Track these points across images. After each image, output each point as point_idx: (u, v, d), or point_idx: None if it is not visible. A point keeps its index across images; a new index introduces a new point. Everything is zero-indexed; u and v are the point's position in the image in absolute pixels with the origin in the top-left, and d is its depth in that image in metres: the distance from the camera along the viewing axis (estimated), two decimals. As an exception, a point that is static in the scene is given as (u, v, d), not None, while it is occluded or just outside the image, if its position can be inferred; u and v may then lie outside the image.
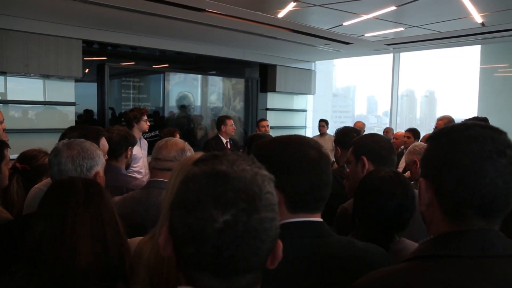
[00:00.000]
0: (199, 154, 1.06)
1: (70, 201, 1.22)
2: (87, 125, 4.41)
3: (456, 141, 0.90)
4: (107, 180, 1.89)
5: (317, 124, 7.54)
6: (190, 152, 2.04)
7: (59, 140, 2.11)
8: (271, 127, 6.65)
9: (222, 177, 0.68)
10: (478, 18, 4.78)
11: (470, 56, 8.02)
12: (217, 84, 7.69)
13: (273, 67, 8.11)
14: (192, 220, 0.66)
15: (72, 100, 5.73)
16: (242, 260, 0.67)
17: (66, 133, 2.18)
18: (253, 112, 8.08)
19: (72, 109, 5.77)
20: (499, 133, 0.90)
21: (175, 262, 0.74)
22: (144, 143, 4.56)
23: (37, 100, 5.56)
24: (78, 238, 1.17)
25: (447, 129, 0.95)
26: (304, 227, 1.14)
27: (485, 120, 4.02)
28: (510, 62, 7.39)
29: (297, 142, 1.18)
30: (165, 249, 0.73)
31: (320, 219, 1.16)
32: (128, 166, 2.77)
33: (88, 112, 6.21)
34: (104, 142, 2.27)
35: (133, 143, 2.73)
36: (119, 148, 2.60)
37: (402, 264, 0.93)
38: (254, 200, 0.67)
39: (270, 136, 3.10)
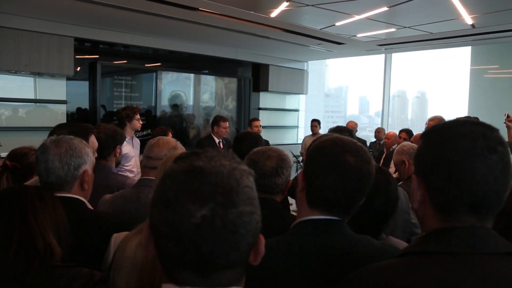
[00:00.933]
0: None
1: (27, 201, 1.26)
2: (76, 122, 4.39)
3: (447, 138, 0.91)
4: (98, 179, 1.87)
5: (310, 124, 7.56)
6: (181, 151, 2.03)
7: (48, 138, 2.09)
8: (264, 127, 6.65)
9: (199, 173, 0.68)
10: (468, 19, 4.82)
11: (460, 57, 8.08)
12: (210, 83, 7.68)
13: (265, 66, 8.12)
14: (170, 216, 0.67)
15: (64, 98, 5.69)
16: (222, 255, 0.67)
17: (55, 131, 2.14)
18: (246, 111, 8.08)
19: (63, 107, 5.73)
20: (490, 130, 0.91)
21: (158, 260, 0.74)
22: (137, 141, 4.54)
23: (28, 98, 5.51)
24: (38, 225, 1.24)
25: (439, 126, 0.95)
26: (319, 225, 1.15)
27: (476, 119, 4.06)
28: (500, 63, 7.46)
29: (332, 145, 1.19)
30: (147, 247, 0.73)
31: (338, 218, 1.16)
32: (118, 164, 2.75)
33: (80, 110, 6.17)
34: (93, 140, 2.26)
35: (121, 141, 2.69)
36: (107, 148, 2.56)
37: (393, 259, 0.93)
38: (232, 194, 0.67)
39: (259, 134, 3.10)
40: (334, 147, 1.16)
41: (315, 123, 7.36)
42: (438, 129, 0.95)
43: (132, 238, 1.24)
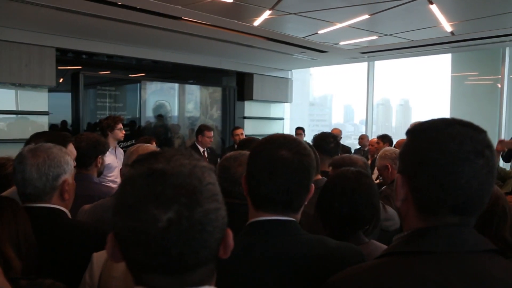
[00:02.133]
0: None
1: None
2: (54, 131, 4.31)
3: (434, 139, 0.89)
4: (79, 189, 1.83)
5: (294, 133, 7.59)
6: None
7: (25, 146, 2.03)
8: (248, 136, 6.64)
9: (159, 176, 0.67)
10: (447, 27, 4.92)
11: (441, 64, 8.24)
12: (194, 93, 7.67)
13: (250, 75, 8.15)
14: (135, 223, 0.65)
15: (46, 109, 5.60)
16: (192, 255, 0.66)
17: (32, 140, 2.08)
18: (231, 120, 8.07)
19: (45, 118, 5.64)
20: (478, 132, 0.90)
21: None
22: (120, 152, 4.48)
23: (9, 110, 5.41)
24: None
25: (427, 125, 0.94)
26: (271, 225, 1.13)
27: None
28: (479, 70, 7.61)
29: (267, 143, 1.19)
30: (113, 256, 0.71)
31: (291, 218, 1.15)
32: (100, 174, 2.70)
33: (64, 123, 6.10)
34: (71, 148, 2.19)
35: (103, 151, 2.62)
36: (88, 157, 2.49)
37: (375, 260, 0.93)
38: (195, 193, 0.67)
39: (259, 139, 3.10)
40: (264, 145, 1.17)
41: (299, 131, 7.39)
42: (426, 128, 0.93)
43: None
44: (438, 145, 0.88)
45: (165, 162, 0.69)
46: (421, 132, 0.93)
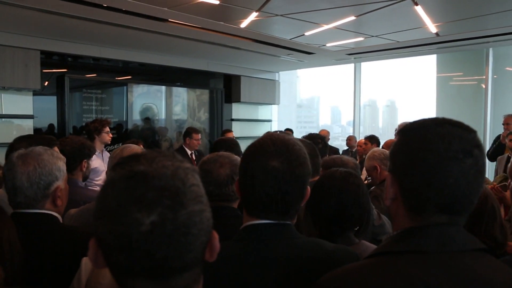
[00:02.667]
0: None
1: None
2: (37, 134, 4.23)
3: (423, 138, 0.89)
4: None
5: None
6: None
7: (7, 152, 1.97)
8: (237, 138, 6.64)
9: (140, 178, 0.65)
10: (432, 28, 4.97)
11: (427, 65, 8.32)
12: (181, 95, 7.64)
13: (237, 77, 8.14)
14: (117, 228, 0.63)
15: (30, 113, 5.52)
16: (176, 258, 0.65)
17: (14, 144, 2.03)
18: (218, 123, 8.05)
19: (30, 122, 5.56)
20: (468, 132, 0.90)
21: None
22: (107, 155, 4.43)
23: (-7, 113, 5.34)
24: None
25: (417, 124, 0.94)
26: (268, 229, 1.13)
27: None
28: (464, 70, 7.72)
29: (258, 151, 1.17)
30: (96, 262, 0.70)
31: (287, 222, 1.15)
32: (85, 178, 2.65)
33: (50, 126, 6.01)
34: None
35: (89, 154, 2.57)
36: (73, 161, 2.42)
37: (364, 260, 0.93)
38: (178, 195, 0.65)
39: (236, 141, 3.09)
40: (255, 155, 1.15)
41: (288, 132, 7.40)
42: (415, 127, 0.93)
43: None
44: (427, 144, 0.88)
45: (147, 164, 0.67)
46: (411, 132, 0.94)
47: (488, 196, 1.55)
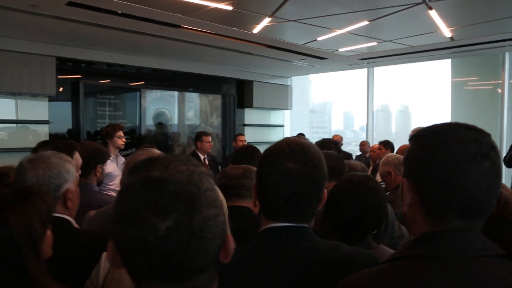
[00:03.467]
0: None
1: None
2: (60, 139, 4.29)
3: (440, 142, 0.90)
4: (79, 198, 1.82)
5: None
6: None
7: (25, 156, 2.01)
8: (249, 143, 6.64)
9: (156, 184, 0.66)
10: (447, 32, 4.93)
11: (441, 70, 8.25)
12: (194, 101, 7.67)
13: (249, 82, 8.16)
14: (134, 232, 0.65)
15: (46, 118, 5.61)
16: (192, 262, 0.66)
17: (38, 148, 2.09)
18: (231, 128, 8.07)
19: (45, 127, 5.64)
20: (483, 135, 0.90)
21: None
22: (121, 160, 4.47)
23: (9, 119, 5.43)
24: None
25: (431, 129, 0.94)
26: (285, 232, 1.13)
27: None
28: (479, 75, 7.62)
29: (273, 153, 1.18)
30: (115, 263, 0.71)
31: (304, 224, 1.15)
32: (100, 183, 2.67)
33: (70, 131, 6.09)
34: (77, 156, 2.19)
35: (103, 160, 2.60)
36: (87, 166, 2.46)
37: (382, 265, 0.93)
38: (194, 200, 0.66)
39: (255, 147, 3.10)
40: (271, 157, 1.16)
41: (301, 137, 7.37)
42: (431, 132, 0.94)
43: None
44: (445, 147, 0.89)
45: (162, 169, 0.68)
46: (427, 136, 0.94)
47: (508, 202, 1.52)
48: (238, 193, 1.75)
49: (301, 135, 7.47)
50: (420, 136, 0.96)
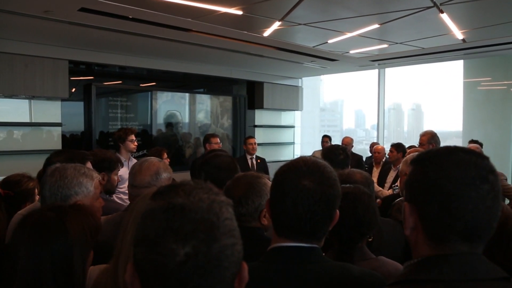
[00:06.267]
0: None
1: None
2: (73, 149, 4.34)
3: (440, 166, 0.91)
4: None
5: (320, 140, 7.53)
6: (165, 174, 2.03)
7: (45, 164, 2.08)
8: (259, 144, 6.65)
9: (178, 210, 0.69)
10: (459, 34, 4.88)
11: (454, 70, 8.15)
12: (205, 102, 7.70)
13: (260, 84, 8.16)
14: (154, 256, 0.67)
15: (59, 120, 5.69)
16: None
17: (52, 158, 2.13)
18: (241, 129, 8.08)
19: (58, 129, 5.72)
20: (482, 159, 0.91)
21: None
22: (133, 162, 4.50)
23: (23, 122, 5.51)
24: None
25: (431, 154, 0.96)
26: (295, 252, 1.13)
27: (477, 142, 4.10)
28: (492, 76, 7.53)
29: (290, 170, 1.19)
30: (132, 285, 0.74)
31: (314, 245, 1.15)
32: (108, 191, 2.67)
33: (76, 134, 6.17)
34: (89, 166, 2.24)
35: (109, 168, 2.61)
36: None
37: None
38: (213, 229, 0.69)
39: (227, 152, 3.08)
40: (287, 173, 1.17)
41: (326, 139, 7.36)
42: (430, 156, 0.95)
43: (103, 273, 1.24)
44: (443, 172, 0.90)
45: (184, 196, 0.71)
46: (426, 161, 0.95)
47: (508, 217, 1.51)
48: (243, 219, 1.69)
49: (326, 137, 7.41)
50: (420, 160, 0.97)
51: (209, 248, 0.67)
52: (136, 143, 4.48)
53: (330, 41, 5.31)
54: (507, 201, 4.03)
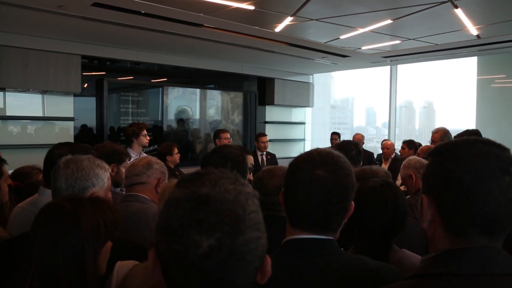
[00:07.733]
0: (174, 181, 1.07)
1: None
2: (75, 142, 4.36)
3: (459, 158, 0.89)
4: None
5: (329, 137, 7.56)
6: (157, 165, 2.19)
7: (47, 157, 2.08)
8: (270, 140, 6.65)
9: (204, 201, 0.67)
10: (473, 30, 4.81)
11: (467, 67, 8.05)
12: (216, 98, 7.71)
13: (271, 80, 8.14)
14: (177, 246, 0.66)
15: (71, 115, 5.74)
16: (229, 281, 0.67)
17: (54, 150, 2.10)
18: (252, 125, 8.08)
19: (71, 124, 5.78)
20: (502, 150, 0.89)
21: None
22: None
23: (36, 116, 5.57)
24: None
25: (449, 145, 0.93)
26: (310, 244, 1.12)
27: (476, 133, 3.97)
28: (506, 73, 7.43)
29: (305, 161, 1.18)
30: (154, 272, 0.73)
31: (330, 237, 1.14)
32: (117, 184, 2.68)
33: (87, 127, 6.22)
34: None
35: (118, 160, 2.62)
36: None
37: (403, 282, 0.93)
38: (238, 222, 0.67)
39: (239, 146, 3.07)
40: (301, 163, 1.16)
41: (335, 136, 7.36)
42: (448, 148, 0.93)
43: (138, 272, 1.23)
44: (463, 163, 0.88)
45: (210, 186, 0.69)
46: (444, 153, 0.93)
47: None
48: (272, 209, 1.70)
49: (335, 134, 7.41)
50: (438, 152, 0.95)
51: (233, 241, 0.65)
52: (148, 138, 4.52)
53: (342, 37, 5.27)
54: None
